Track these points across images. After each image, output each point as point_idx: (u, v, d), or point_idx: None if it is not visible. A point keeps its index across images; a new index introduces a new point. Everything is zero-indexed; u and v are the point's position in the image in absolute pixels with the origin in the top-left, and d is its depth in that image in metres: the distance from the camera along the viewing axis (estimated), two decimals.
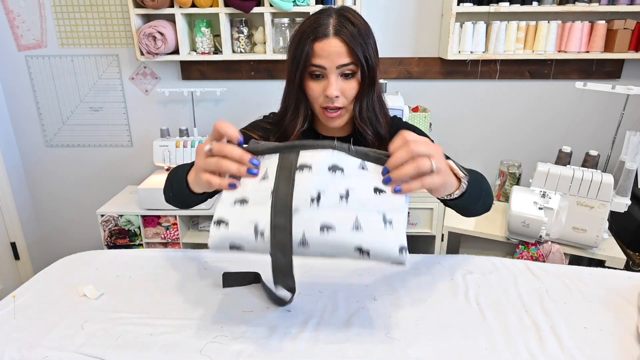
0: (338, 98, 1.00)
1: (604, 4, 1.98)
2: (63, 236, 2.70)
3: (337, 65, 0.97)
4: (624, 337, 0.80)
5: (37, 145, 2.50)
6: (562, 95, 2.26)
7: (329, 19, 0.98)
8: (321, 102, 1.02)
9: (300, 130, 1.08)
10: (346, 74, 0.99)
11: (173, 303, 0.90)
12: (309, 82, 1.01)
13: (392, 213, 0.72)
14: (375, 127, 1.07)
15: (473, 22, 2.07)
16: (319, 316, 0.85)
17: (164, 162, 2.14)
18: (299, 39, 0.99)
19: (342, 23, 0.97)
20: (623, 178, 1.77)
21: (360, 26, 0.99)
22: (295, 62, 0.99)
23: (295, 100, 1.05)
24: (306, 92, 1.03)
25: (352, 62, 0.97)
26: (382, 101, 1.10)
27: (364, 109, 1.04)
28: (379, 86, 1.08)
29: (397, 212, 0.72)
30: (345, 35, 0.96)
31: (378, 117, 1.07)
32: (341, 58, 0.97)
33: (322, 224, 0.70)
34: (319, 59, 0.97)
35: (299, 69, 0.99)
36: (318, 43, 0.96)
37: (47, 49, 2.30)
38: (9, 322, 0.84)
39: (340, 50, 0.96)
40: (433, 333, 0.80)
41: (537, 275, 0.99)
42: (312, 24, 0.98)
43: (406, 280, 0.97)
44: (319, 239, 0.70)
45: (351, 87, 1.00)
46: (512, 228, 1.78)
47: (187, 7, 2.04)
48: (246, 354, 0.75)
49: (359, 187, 0.73)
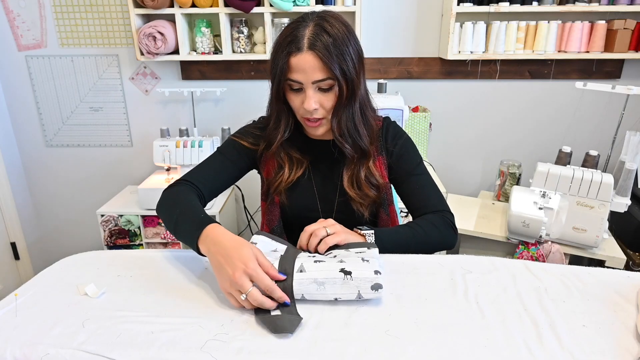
0: (317, 110, 1.00)
1: (604, 4, 1.99)
2: (63, 236, 2.70)
3: (313, 80, 0.97)
4: (623, 335, 0.80)
5: (37, 145, 2.50)
6: (562, 95, 2.27)
7: (305, 29, 0.96)
8: (302, 113, 1.03)
9: (281, 140, 1.10)
10: (323, 88, 0.99)
11: (174, 301, 0.90)
12: (289, 93, 1.02)
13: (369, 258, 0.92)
14: (355, 139, 1.07)
15: (473, 22, 2.07)
16: (319, 315, 0.85)
17: (164, 162, 2.15)
18: (276, 52, 0.99)
19: (317, 35, 0.95)
20: (623, 178, 1.77)
21: (337, 35, 0.96)
22: (273, 74, 1.01)
23: (277, 111, 1.07)
24: (288, 102, 1.05)
25: (328, 77, 0.97)
26: (366, 110, 1.09)
27: (343, 121, 1.03)
28: (363, 95, 1.06)
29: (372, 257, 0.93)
30: (319, 49, 0.94)
31: (358, 129, 1.06)
32: (316, 73, 0.96)
33: (314, 260, 0.90)
34: (295, 74, 0.97)
35: (277, 82, 1.00)
36: (293, 57, 0.96)
37: (47, 49, 2.31)
38: (11, 320, 0.84)
39: (314, 65, 0.95)
40: (432, 331, 0.81)
41: (536, 274, 1.00)
42: (287, 36, 0.97)
43: (406, 280, 0.97)
44: (313, 266, 0.89)
45: (329, 99, 1.01)
46: (512, 228, 1.78)
47: (187, 7, 2.04)
48: (247, 352, 0.75)
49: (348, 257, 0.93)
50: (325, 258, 0.93)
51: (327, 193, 1.17)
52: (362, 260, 0.90)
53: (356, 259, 0.91)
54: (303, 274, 0.87)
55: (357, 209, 1.13)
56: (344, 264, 0.89)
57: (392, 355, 0.75)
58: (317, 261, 0.90)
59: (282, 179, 1.13)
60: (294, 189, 1.16)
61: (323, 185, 1.17)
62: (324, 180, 1.17)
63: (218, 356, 0.74)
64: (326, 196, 1.17)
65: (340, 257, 0.92)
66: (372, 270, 0.88)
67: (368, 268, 0.88)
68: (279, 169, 1.15)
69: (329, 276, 0.86)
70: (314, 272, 0.87)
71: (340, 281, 0.86)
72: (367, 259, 0.91)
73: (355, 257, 0.92)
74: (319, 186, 1.17)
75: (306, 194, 1.16)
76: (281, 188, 1.14)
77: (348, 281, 0.86)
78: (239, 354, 0.75)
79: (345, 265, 0.88)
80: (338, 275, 0.86)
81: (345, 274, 0.86)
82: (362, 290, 0.86)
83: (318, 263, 0.89)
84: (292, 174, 1.13)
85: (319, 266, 0.88)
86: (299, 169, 1.14)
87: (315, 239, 0.94)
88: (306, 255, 0.95)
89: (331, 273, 0.87)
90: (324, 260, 0.90)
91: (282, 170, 1.14)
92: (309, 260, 0.90)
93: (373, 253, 0.94)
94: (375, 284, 0.86)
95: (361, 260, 0.91)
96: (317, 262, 0.90)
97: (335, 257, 0.93)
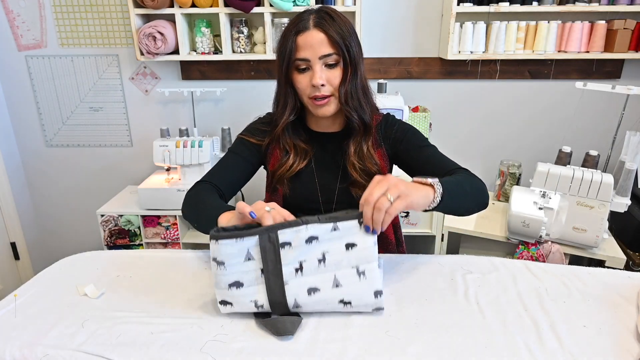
0: (324, 87, 1.05)
1: (604, 4, 1.99)
2: (63, 236, 2.70)
3: (320, 55, 1.03)
4: (623, 336, 0.80)
5: (37, 145, 2.50)
6: (562, 95, 2.27)
7: (310, 15, 1.05)
8: (309, 93, 1.07)
9: (287, 121, 1.14)
10: (330, 64, 1.05)
11: (173, 302, 0.90)
12: (296, 75, 1.07)
13: (364, 264, 0.84)
14: (360, 114, 1.11)
15: (473, 22, 2.07)
16: (319, 315, 0.85)
17: (164, 162, 2.14)
18: (284, 37, 1.06)
19: (322, 16, 1.04)
20: (623, 178, 1.77)
21: (340, 20, 1.05)
22: (281, 58, 1.06)
23: (285, 94, 1.12)
24: (295, 86, 1.09)
25: (334, 52, 1.03)
26: (368, 92, 1.15)
27: (348, 94, 1.08)
28: (364, 79, 1.12)
29: (368, 262, 0.84)
30: (324, 26, 1.02)
31: (362, 104, 1.11)
32: (323, 48, 1.03)
33: (308, 288, 0.84)
34: (302, 52, 1.03)
35: (285, 63, 1.06)
36: (300, 36, 1.03)
37: (47, 49, 2.31)
38: (10, 321, 0.84)
39: (321, 40, 1.02)
40: (433, 332, 0.81)
41: (536, 274, 0.99)
42: (294, 21, 1.06)
43: (406, 280, 0.97)
44: (309, 300, 0.84)
45: (335, 76, 1.06)
46: (512, 228, 1.78)
47: (187, 7, 2.04)
48: (246, 352, 0.75)
49: (333, 248, 0.84)
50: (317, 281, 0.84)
51: (328, 184, 1.19)
52: (358, 274, 0.84)
53: (351, 273, 0.85)
54: (300, 309, 0.85)
55: (357, 194, 1.14)
56: (341, 289, 0.84)
57: (392, 356, 0.75)
58: (312, 291, 0.84)
59: (286, 166, 1.16)
60: (297, 179, 1.18)
61: (325, 176, 1.19)
62: (326, 172, 1.20)
63: (218, 357, 0.74)
64: (328, 187, 1.19)
65: (333, 271, 0.85)
66: (372, 291, 0.84)
67: (367, 289, 0.84)
68: (284, 156, 1.18)
69: (327, 309, 0.85)
70: (311, 305, 0.84)
71: (340, 311, 0.86)
72: (363, 269, 0.84)
73: (350, 270, 0.85)
74: (321, 178, 1.19)
75: (308, 185, 1.19)
76: (285, 176, 1.17)
77: (349, 309, 0.85)
78: (238, 355, 0.75)
79: (343, 293, 0.84)
80: (337, 307, 0.85)
81: (345, 304, 0.85)
82: (364, 312, 0.86)
83: (313, 294, 0.84)
84: (296, 164, 1.17)
85: (315, 299, 0.84)
86: (303, 160, 1.17)
87: (380, 214, 0.82)
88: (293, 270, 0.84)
89: (329, 305, 0.85)
90: (318, 289, 0.84)
91: (288, 156, 1.17)
92: (302, 290, 0.84)
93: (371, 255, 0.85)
94: (377, 308, 0.85)
95: (356, 273, 0.84)
96: (311, 292, 0.84)
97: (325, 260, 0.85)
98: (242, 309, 0.84)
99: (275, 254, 0.83)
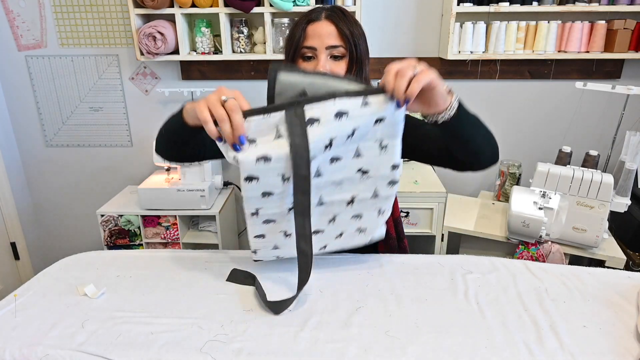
0: None
1: (604, 4, 1.99)
2: (63, 236, 2.70)
3: (327, 45, 1.03)
4: (624, 336, 0.80)
5: (37, 145, 2.50)
6: (562, 95, 2.27)
7: (323, 9, 1.07)
8: None
9: None
10: (335, 55, 1.05)
11: (173, 302, 0.90)
12: (301, 63, 1.07)
13: (388, 139, 0.85)
14: None
15: (473, 22, 2.07)
16: (319, 315, 0.85)
17: (164, 162, 2.14)
18: (295, 26, 1.08)
19: (334, 11, 1.06)
20: (623, 178, 1.77)
21: (351, 19, 1.07)
22: (289, 46, 1.07)
23: None
24: None
25: (342, 45, 1.04)
26: None
27: None
28: (368, 80, 1.12)
29: (392, 138, 0.86)
30: (335, 19, 1.04)
31: None
32: (331, 39, 1.03)
33: (331, 157, 0.85)
34: (310, 40, 1.04)
35: (292, 50, 1.07)
36: (310, 26, 1.04)
37: (47, 49, 2.31)
38: (10, 321, 0.84)
39: (330, 31, 1.03)
40: (433, 332, 0.81)
41: (536, 274, 0.99)
42: (307, 13, 1.08)
43: (406, 280, 0.97)
44: (330, 168, 0.86)
45: (340, 69, 1.06)
46: (512, 228, 1.78)
47: (187, 7, 2.04)
48: (246, 353, 0.75)
49: (362, 125, 0.82)
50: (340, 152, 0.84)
51: None
52: (380, 148, 0.86)
53: (373, 146, 0.86)
54: (320, 177, 0.86)
55: None
56: (361, 159, 0.87)
57: (392, 356, 0.75)
58: (334, 159, 0.85)
59: None
60: None
61: None
62: None
63: (218, 357, 0.74)
64: None
65: (357, 143, 0.84)
66: (390, 164, 0.88)
67: (386, 162, 0.87)
68: None
69: (346, 176, 0.88)
70: (330, 172, 0.86)
71: (357, 180, 0.88)
72: (386, 144, 0.86)
73: (373, 143, 0.85)
74: None
75: None
76: None
77: (365, 180, 0.88)
78: (238, 355, 0.75)
79: (362, 162, 0.87)
80: (355, 176, 0.88)
81: (363, 173, 0.88)
82: (379, 186, 0.89)
83: (334, 163, 0.86)
84: None
85: (335, 167, 0.86)
86: None
87: (403, 80, 0.78)
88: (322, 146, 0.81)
89: (348, 174, 0.88)
90: (340, 158, 0.85)
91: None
92: (326, 160, 0.85)
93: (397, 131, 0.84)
94: (391, 180, 0.88)
95: (379, 147, 0.86)
96: (333, 160, 0.85)
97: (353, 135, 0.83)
98: (267, 182, 0.83)
99: (303, 130, 0.80)
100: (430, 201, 2.04)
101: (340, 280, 0.97)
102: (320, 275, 0.98)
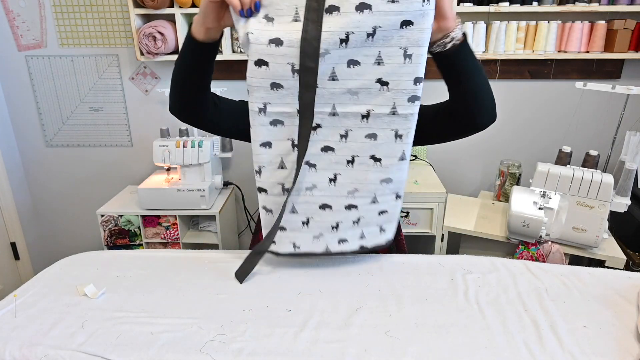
0: None
1: (604, 4, 1.99)
2: (63, 236, 2.70)
3: None
4: (624, 336, 0.80)
5: (37, 145, 2.50)
6: (562, 95, 2.27)
7: None
8: None
9: None
10: None
11: (173, 302, 0.90)
12: None
13: (413, 48, 0.79)
14: None
15: (473, 22, 2.07)
16: (319, 316, 0.85)
17: (164, 162, 2.14)
18: None
19: None
20: (623, 178, 1.77)
21: None
22: None
23: None
24: None
25: None
26: None
27: None
28: None
29: (418, 46, 0.79)
30: None
31: None
32: None
33: (349, 60, 0.79)
34: None
35: None
36: None
37: (47, 49, 2.30)
38: (10, 321, 0.84)
39: None
40: (433, 332, 0.81)
41: (536, 274, 0.99)
42: None
43: (406, 280, 0.97)
44: (347, 72, 0.79)
45: None
46: (512, 228, 1.78)
47: (187, 7, 2.04)
48: (246, 353, 0.75)
49: (386, 23, 0.77)
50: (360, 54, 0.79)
51: None
52: (404, 57, 0.79)
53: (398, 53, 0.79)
54: (335, 82, 0.80)
55: None
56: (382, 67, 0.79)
57: (392, 356, 0.75)
58: (352, 63, 0.78)
59: None
60: None
61: None
62: None
63: (218, 357, 0.74)
64: None
65: (379, 47, 0.78)
66: (413, 77, 0.80)
67: (409, 73, 0.80)
68: None
69: (363, 86, 0.80)
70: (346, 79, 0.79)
71: (375, 92, 0.81)
72: (411, 52, 0.79)
73: (397, 50, 0.78)
74: None
75: None
76: None
77: (384, 92, 0.80)
78: (238, 355, 0.75)
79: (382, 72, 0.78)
80: (374, 86, 0.80)
81: (382, 85, 0.80)
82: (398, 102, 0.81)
83: (352, 67, 0.78)
84: None
85: (353, 71, 0.78)
86: None
87: None
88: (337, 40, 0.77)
89: (366, 82, 0.80)
90: (359, 62, 0.78)
91: None
92: (343, 61, 0.78)
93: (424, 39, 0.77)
94: (413, 95, 0.80)
95: (403, 55, 0.79)
96: (350, 64, 0.78)
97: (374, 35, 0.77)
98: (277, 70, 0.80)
99: (319, 18, 0.76)
100: (430, 201, 2.04)
101: (340, 280, 0.97)
102: (320, 275, 0.98)
